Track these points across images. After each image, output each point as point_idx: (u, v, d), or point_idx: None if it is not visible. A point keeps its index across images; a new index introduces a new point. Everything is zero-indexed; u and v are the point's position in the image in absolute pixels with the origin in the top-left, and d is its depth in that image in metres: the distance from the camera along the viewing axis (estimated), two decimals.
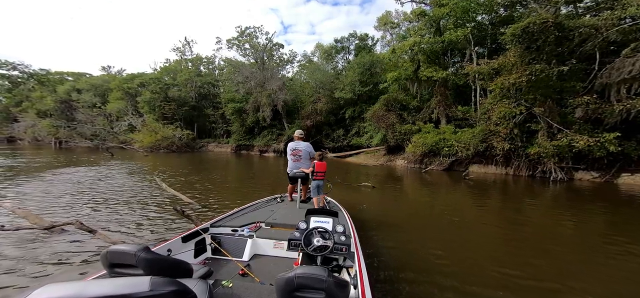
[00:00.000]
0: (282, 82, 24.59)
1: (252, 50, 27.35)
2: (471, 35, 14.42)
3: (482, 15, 15.60)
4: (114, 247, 1.72)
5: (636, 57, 9.74)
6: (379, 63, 20.93)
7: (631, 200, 6.78)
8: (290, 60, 29.87)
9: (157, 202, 6.39)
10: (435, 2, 15.32)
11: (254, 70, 25.90)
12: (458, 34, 13.98)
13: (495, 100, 12.02)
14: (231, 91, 29.28)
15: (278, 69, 28.09)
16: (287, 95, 24.33)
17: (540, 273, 3.03)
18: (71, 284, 1.17)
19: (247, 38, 26.81)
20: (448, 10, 14.21)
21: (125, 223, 4.76)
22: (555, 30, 10.44)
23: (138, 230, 4.49)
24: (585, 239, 4.15)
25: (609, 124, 9.45)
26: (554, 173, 9.89)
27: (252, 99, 25.71)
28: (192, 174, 11.46)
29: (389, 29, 20.69)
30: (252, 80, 24.84)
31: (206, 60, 38.58)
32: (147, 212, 5.52)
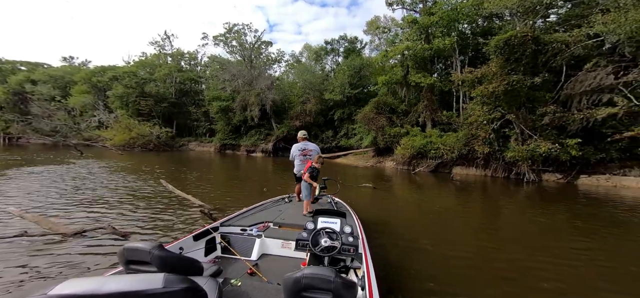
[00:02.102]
0: (271, 81, 24.68)
1: (240, 48, 27.12)
2: (456, 44, 15.69)
3: (464, 25, 17.00)
4: (129, 244, 1.81)
5: (596, 72, 11.32)
6: (368, 66, 21.83)
7: (587, 198, 8.03)
8: (278, 60, 30.01)
9: (164, 201, 6.49)
10: (425, 11, 16.44)
11: (242, 68, 25.73)
12: (445, 43, 15.14)
13: (476, 106, 13.26)
14: (216, 89, 28.78)
15: (266, 68, 28.11)
16: (276, 95, 24.49)
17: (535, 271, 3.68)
18: (91, 280, 1.25)
19: (235, 35, 26.55)
20: (437, 19, 15.33)
21: (145, 225, 4.85)
22: (533, 44, 11.80)
23: (164, 232, 4.59)
24: (548, 231, 5.02)
25: (571, 131, 10.90)
26: (527, 175, 11.22)
27: (240, 98, 25.50)
28: (175, 174, 11.36)
29: (378, 33, 21.66)
30: (239, 79, 24.66)
31: (188, 55, 37.37)
32: (162, 212, 5.66)
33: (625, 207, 6.81)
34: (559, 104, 11.69)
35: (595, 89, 11.05)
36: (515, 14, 14.83)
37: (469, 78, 13.36)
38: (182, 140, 34.68)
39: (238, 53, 27.50)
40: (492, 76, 12.14)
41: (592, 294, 2.82)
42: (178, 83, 35.14)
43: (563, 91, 11.91)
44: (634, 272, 3.26)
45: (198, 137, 38.29)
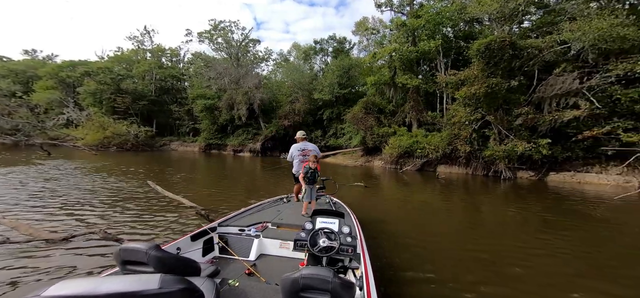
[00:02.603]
0: (259, 80, 24.47)
1: (226, 46, 26.56)
2: (440, 46, 16.49)
3: (448, 28, 17.87)
4: (126, 244, 1.80)
5: (564, 77, 12.44)
6: (357, 66, 22.29)
7: (555, 194, 8.96)
8: (265, 58, 29.74)
9: (153, 203, 6.38)
10: (412, 14, 17.06)
11: (228, 66, 25.25)
12: (431, 45, 15.87)
13: (459, 107, 14.10)
14: (201, 87, 28.04)
15: (253, 66, 27.78)
16: (264, 94, 24.35)
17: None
18: (86, 280, 1.23)
19: (221, 32, 25.93)
20: (423, 22, 16.00)
21: (136, 228, 4.74)
22: (510, 49, 12.71)
23: (157, 236, 4.53)
24: (522, 224, 5.63)
25: (542, 131, 11.96)
26: (504, 173, 12.19)
27: (226, 97, 25.04)
28: (160, 175, 11.12)
29: (366, 34, 22.15)
30: (225, 77, 24.20)
31: (170, 52, 35.93)
32: (152, 214, 5.56)
33: (587, 201, 7.70)
34: (531, 106, 12.73)
35: (563, 92, 12.15)
36: (494, 19, 15.83)
37: (453, 80, 14.16)
38: (163, 140, 33.59)
39: (224, 51, 26.92)
40: (474, 79, 12.97)
41: (555, 275, 3.29)
42: (158, 80, 33.75)
43: (535, 94, 12.97)
44: (589, 257, 3.83)
45: (181, 137, 37.24)
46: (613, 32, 11.00)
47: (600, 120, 10.98)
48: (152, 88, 34.31)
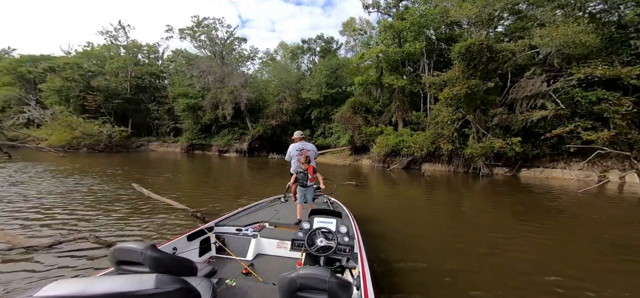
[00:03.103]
0: (245, 78, 24.16)
1: (210, 43, 25.86)
2: (424, 48, 17.35)
3: (431, 31, 18.81)
4: (121, 244, 1.79)
5: (533, 79, 13.68)
6: (344, 66, 22.76)
7: (526, 188, 9.99)
8: (251, 57, 29.31)
9: (139, 206, 6.24)
10: (397, 16, 17.74)
11: (212, 64, 24.65)
12: (416, 47, 16.65)
13: (442, 107, 15.01)
14: (183, 85, 27.14)
15: (238, 65, 27.32)
16: (251, 93, 24.12)
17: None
18: (80, 280, 1.23)
19: (205, 29, 25.19)
20: (408, 24, 16.73)
21: (126, 233, 4.64)
22: (488, 52, 13.73)
23: (150, 240, 4.42)
24: (497, 215, 6.34)
25: (514, 130, 13.13)
26: (482, 170, 13.25)
27: (211, 95, 24.47)
28: (139, 177, 10.76)
29: (354, 34, 22.64)
30: (209, 75, 23.62)
31: (147, 48, 34.21)
32: (140, 218, 5.42)
33: (554, 195, 8.71)
34: (505, 106, 13.88)
35: (532, 94, 13.38)
36: (472, 23, 16.92)
37: (437, 81, 15.03)
38: (141, 140, 32.28)
39: (207, 48, 26.19)
40: (455, 80, 13.87)
41: (523, 258, 3.84)
42: (134, 77, 32.12)
43: (509, 95, 14.15)
44: (549, 244, 4.45)
45: (160, 137, 35.91)
46: (576, 38, 12.28)
47: (564, 120, 12.26)
48: (127, 86, 32.61)
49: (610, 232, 4.94)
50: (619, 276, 3.27)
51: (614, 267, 3.57)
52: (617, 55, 13.13)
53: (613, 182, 10.39)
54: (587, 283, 3.11)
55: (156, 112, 34.49)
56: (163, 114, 34.48)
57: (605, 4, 15.49)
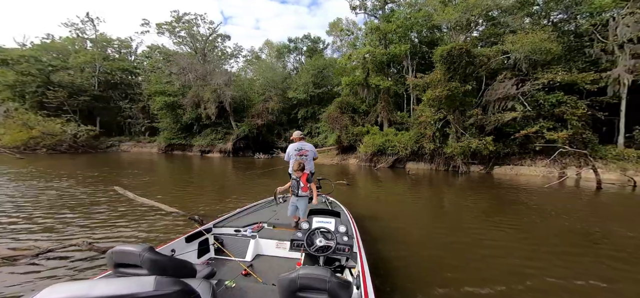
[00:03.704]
0: (229, 77, 23.72)
1: (191, 39, 24.95)
2: (408, 50, 18.28)
3: (414, 33, 19.82)
4: (119, 247, 1.79)
5: (504, 83, 15.06)
6: (331, 66, 23.20)
7: (498, 184, 11.17)
8: (235, 55, 28.73)
9: (123, 210, 6.09)
10: (384, 18, 18.44)
11: (193, 61, 23.87)
12: (401, 49, 17.49)
13: (424, 108, 16.02)
14: (161, 82, 26.01)
15: (221, 63, 26.68)
16: (235, 92, 23.76)
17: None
18: (77, 284, 1.22)
19: (185, 25, 24.23)
20: (394, 26, 17.50)
21: (115, 239, 4.50)
22: (466, 56, 14.85)
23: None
24: (474, 209, 7.17)
25: (488, 130, 14.43)
26: (461, 168, 14.44)
27: (192, 94, 23.76)
28: (113, 179, 10.31)
29: (340, 35, 23.09)
30: (190, 73, 22.89)
31: (118, 42, 32.08)
32: (129, 224, 5.27)
33: (522, 190, 9.87)
34: (480, 108, 15.17)
35: (503, 96, 14.75)
36: (451, 28, 18.12)
37: (420, 83, 15.98)
38: (111, 140, 30.73)
39: (188, 45, 25.25)
40: (437, 82, 14.88)
41: (494, 244, 4.44)
42: (103, 73, 30.11)
43: (484, 97, 15.47)
44: (514, 231, 5.19)
45: (134, 137, 34.25)
46: (541, 45, 13.73)
47: (531, 121, 13.71)
48: (95, 82, 30.54)
49: (568, 222, 5.88)
50: (570, 257, 3.99)
51: (567, 249, 4.32)
52: (574, 62, 14.87)
53: (571, 178, 11.92)
54: (541, 263, 3.75)
55: (129, 110, 32.77)
56: (137, 112, 32.82)
57: (565, 13, 17.38)
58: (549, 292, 3.06)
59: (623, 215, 6.52)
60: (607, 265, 3.56)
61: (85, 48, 30.38)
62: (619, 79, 13.07)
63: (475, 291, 3.05)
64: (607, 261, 3.68)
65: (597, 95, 13.73)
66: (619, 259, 3.76)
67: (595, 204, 7.89)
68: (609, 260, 3.74)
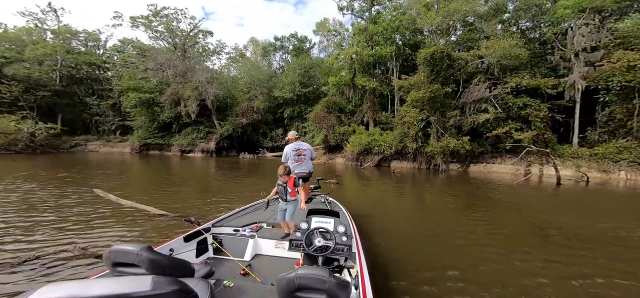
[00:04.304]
0: (211, 74, 23.13)
1: (169, 35, 23.85)
2: (393, 52, 19.18)
3: (397, 35, 20.77)
4: (116, 246, 1.79)
5: (479, 86, 16.48)
6: (318, 66, 23.54)
7: (473, 181, 12.42)
8: (217, 52, 27.92)
9: (106, 213, 5.89)
10: (370, 19, 19.09)
11: (173, 57, 22.92)
12: (387, 51, 18.31)
13: (408, 109, 17.05)
14: (135, 78, 24.67)
15: (202, 59, 25.86)
16: (218, 90, 23.26)
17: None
18: (74, 283, 1.21)
19: (163, 20, 23.07)
20: (381, 28, 18.24)
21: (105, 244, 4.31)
22: (447, 59, 15.98)
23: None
24: (454, 204, 8.03)
25: (465, 131, 15.79)
26: (441, 166, 15.69)
27: (170, 91, 22.88)
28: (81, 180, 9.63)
29: (327, 35, 23.44)
30: (169, 69, 22.00)
31: (85, 35, 29.65)
32: (113, 227, 5.13)
33: (492, 186, 11.11)
34: (458, 109, 16.50)
35: (478, 99, 16.15)
36: (433, 32, 19.30)
37: (405, 84, 16.95)
38: (76, 139, 28.89)
39: (166, 40, 24.12)
40: (420, 84, 15.90)
41: (468, 233, 5.09)
42: (66, 67, 27.84)
43: (461, 99, 16.81)
44: (495, 226, 5.99)
45: (103, 136, 32.31)
46: (511, 51, 15.19)
47: (501, 122, 15.23)
48: (56, 76, 28.16)
49: (531, 214, 6.90)
50: (532, 245, 4.76)
51: (529, 239, 5.18)
52: (538, 68, 16.67)
53: (535, 174, 13.55)
54: (502, 249, 4.47)
55: (96, 107, 30.72)
56: (106, 109, 30.87)
57: (531, 22, 19.26)
58: (517, 275, 3.65)
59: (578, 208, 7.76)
60: (562, 252, 4.40)
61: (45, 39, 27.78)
62: (574, 84, 14.93)
63: (463, 283, 3.37)
64: (562, 249, 4.53)
65: (556, 99, 15.54)
66: (569, 246, 4.62)
67: (555, 198, 9.21)
68: (562, 247, 4.59)
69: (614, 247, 4.57)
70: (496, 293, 3.13)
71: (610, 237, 5.00)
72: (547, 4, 17.69)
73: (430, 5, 18.56)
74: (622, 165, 12.77)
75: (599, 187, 10.98)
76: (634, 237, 5.04)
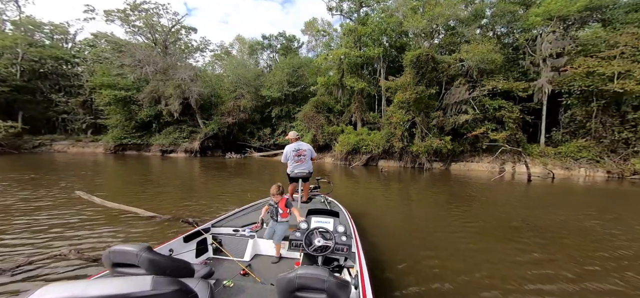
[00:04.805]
0: (195, 72, 22.50)
1: (149, 30, 22.75)
2: (381, 53, 19.88)
3: (385, 37, 21.52)
4: (116, 246, 1.79)
5: (459, 88, 17.67)
6: (306, 66, 23.72)
7: (454, 178, 13.49)
8: (201, 48, 27.03)
9: (90, 217, 5.86)
10: (359, 21, 19.57)
11: (153, 53, 21.95)
12: (375, 52, 18.93)
13: (395, 109, 17.88)
14: (109, 74, 23.37)
15: (185, 56, 25.00)
16: (203, 88, 22.70)
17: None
18: (73, 284, 1.22)
19: (142, 14, 21.93)
20: (369, 30, 18.79)
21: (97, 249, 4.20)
22: (432, 62, 16.92)
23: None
24: (438, 200, 8.78)
25: (446, 131, 16.94)
26: (425, 165, 16.74)
27: (150, 88, 21.98)
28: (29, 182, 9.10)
29: (316, 35, 23.61)
30: (148, 66, 21.10)
31: (51, 27, 27.35)
32: (103, 232, 5.10)
33: (471, 183, 12.18)
34: (441, 110, 17.60)
35: (458, 100, 17.34)
36: (418, 35, 20.24)
37: (392, 85, 17.72)
38: (40, 139, 27.04)
39: (145, 35, 23.00)
40: (407, 85, 16.74)
41: (450, 227, 5.66)
42: (28, 61, 25.67)
43: (444, 101, 17.93)
44: (463, 218, 6.59)
45: (71, 135, 30.38)
46: (488, 56, 16.43)
47: (479, 122, 16.51)
48: (17, 70, 25.91)
49: (505, 208, 7.77)
50: (505, 236, 5.44)
51: (501, 232, 5.92)
52: (511, 72, 18.17)
53: (508, 172, 14.96)
54: (478, 241, 5.14)
55: (64, 104, 28.69)
56: (75, 107, 28.95)
57: (506, 28, 20.81)
58: (491, 262, 4.21)
59: (542, 202, 8.86)
60: (525, 241, 5.11)
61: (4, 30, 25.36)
62: (542, 88, 16.53)
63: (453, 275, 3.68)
64: (525, 238, 5.26)
65: (526, 102, 17.11)
66: (531, 235, 5.41)
67: (525, 193, 10.38)
68: (526, 237, 5.33)
69: (566, 234, 5.45)
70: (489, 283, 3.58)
71: (565, 226, 5.92)
72: (520, 11, 19.22)
73: (416, 9, 19.45)
74: (582, 163, 14.50)
75: (563, 182, 12.44)
76: (582, 226, 6.01)
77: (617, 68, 13.92)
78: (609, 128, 14.64)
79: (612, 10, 17.32)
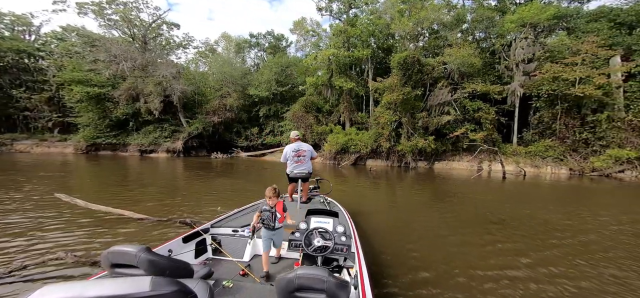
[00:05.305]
0: (177, 69, 21.75)
1: (126, 24, 21.52)
2: (370, 55, 20.48)
3: (373, 39, 22.16)
4: (115, 247, 1.81)
5: (442, 90, 18.78)
6: (295, 65, 23.79)
7: (438, 176, 14.51)
8: (184, 45, 26.04)
9: (73, 219, 5.69)
10: (348, 22, 19.96)
11: (131, 49, 20.87)
12: (364, 53, 19.48)
13: (383, 110, 18.63)
14: (80, 69, 21.92)
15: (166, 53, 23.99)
16: (186, 86, 22.03)
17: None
18: (71, 285, 1.24)
19: (120, 8, 20.66)
20: (358, 31, 19.26)
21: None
22: (418, 64, 17.77)
23: None
24: (423, 197, 9.50)
25: (430, 131, 18.00)
26: (411, 164, 17.71)
27: (127, 85, 20.97)
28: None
29: (305, 35, 23.67)
30: (125, 62, 20.10)
31: (12, 18, 24.91)
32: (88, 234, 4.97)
33: (453, 181, 13.21)
34: (425, 111, 18.62)
35: (441, 102, 18.45)
36: (404, 37, 21.07)
37: (380, 86, 18.42)
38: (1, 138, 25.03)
39: (121, 29, 21.75)
40: (394, 87, 17.49)
41: (435, 225, 6.11)
42: None
43: (428, 102, 18.97)
44: (455, 215, 7.26)
45: (35, 134, 28.32)
46: (468, 60, 17.59)
47: (459, 123, 17.73)
48: None
49: (482, 204, 8.59)
50: (482, 229, 6.14)
51: (482, 227, 6.64)
52: (488, 76, 19.58)
53: (485, 170, 16.28)
54: (458, 233, 5.74)
55: (27, 101, 26.53)
56: (39, 103, 26.88)
57: (484, 33, 22.27)
58: (474, 254, 4.74)
59: (513, 198, 9.95)
60: (496, 231, 5.83)
61: None
62: (515, 91, 18.04)
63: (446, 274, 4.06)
64: (495, 228, 6.01)
65: (501, 104, 18.59)
66: (510, 227, 6.22)
67: (500, 190, 11.50)
68: (496, 228, 6.08)
69: (529, 225, 6.29)
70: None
71: (531, 219, 6.81)
72: (497, 17, 20.67)
73: (403, 12, 20.22)
74: (549, 161, 16.15)
75: (533, 180, 13.86)
76: (544, 218, 6.94)
77: (579, 74, 15.59)
78: (571, 129, 16.41)
79: (576, 19, 19.20)
